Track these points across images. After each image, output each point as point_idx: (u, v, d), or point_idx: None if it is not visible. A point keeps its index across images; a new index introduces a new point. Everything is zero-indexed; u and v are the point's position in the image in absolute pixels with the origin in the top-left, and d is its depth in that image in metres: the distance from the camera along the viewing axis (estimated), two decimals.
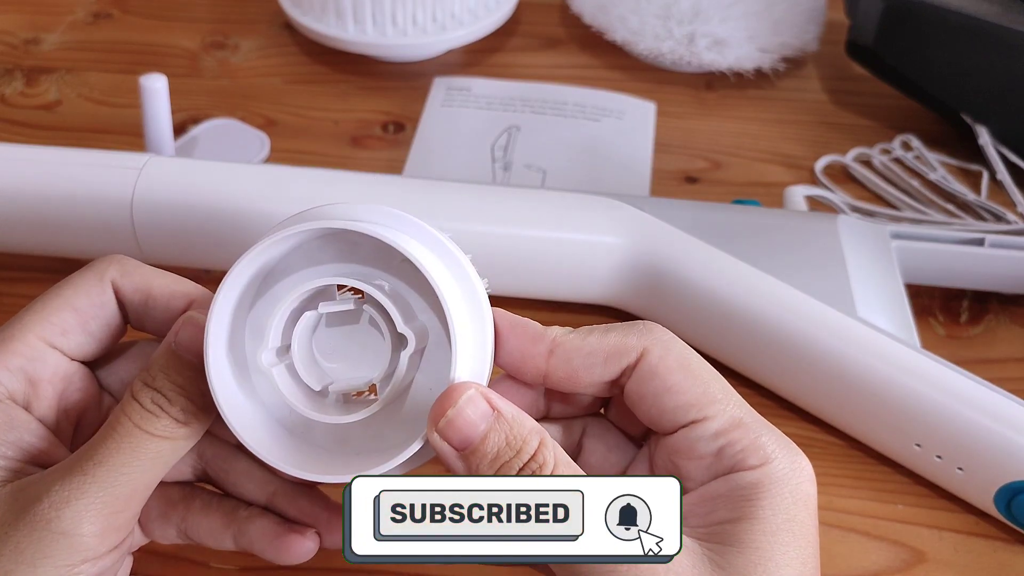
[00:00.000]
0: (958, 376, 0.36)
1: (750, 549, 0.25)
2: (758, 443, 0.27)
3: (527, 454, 0.25)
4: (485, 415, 0.26)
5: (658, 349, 0.28)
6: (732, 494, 0.26)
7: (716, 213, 0.43)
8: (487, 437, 0.25)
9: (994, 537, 0.37)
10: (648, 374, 0.28)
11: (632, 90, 0.57)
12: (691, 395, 0.27)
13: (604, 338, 0.28)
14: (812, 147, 0.54)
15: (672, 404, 0.28)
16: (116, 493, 0.26)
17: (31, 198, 0.41)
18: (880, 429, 0.38)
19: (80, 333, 0.29)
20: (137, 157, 0.42)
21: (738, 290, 0.39)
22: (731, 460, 0.27)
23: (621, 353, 0.28)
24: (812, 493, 0.27)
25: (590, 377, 0.28)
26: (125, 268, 0.30)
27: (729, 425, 0.27)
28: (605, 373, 0.28)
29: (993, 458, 0.35)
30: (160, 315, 0.30)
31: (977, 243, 0.44)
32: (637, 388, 0.28)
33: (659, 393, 0.28)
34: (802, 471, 0.27)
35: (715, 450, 0.27)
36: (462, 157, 0.52)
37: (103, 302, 0.29)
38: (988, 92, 0.51)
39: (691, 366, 0.28)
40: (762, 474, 0.26)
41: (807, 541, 0.26)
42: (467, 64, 0.60)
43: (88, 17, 0.63)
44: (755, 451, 0.27)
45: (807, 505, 0.27)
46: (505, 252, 0.41)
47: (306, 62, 0.60)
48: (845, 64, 0.59)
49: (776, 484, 0.26)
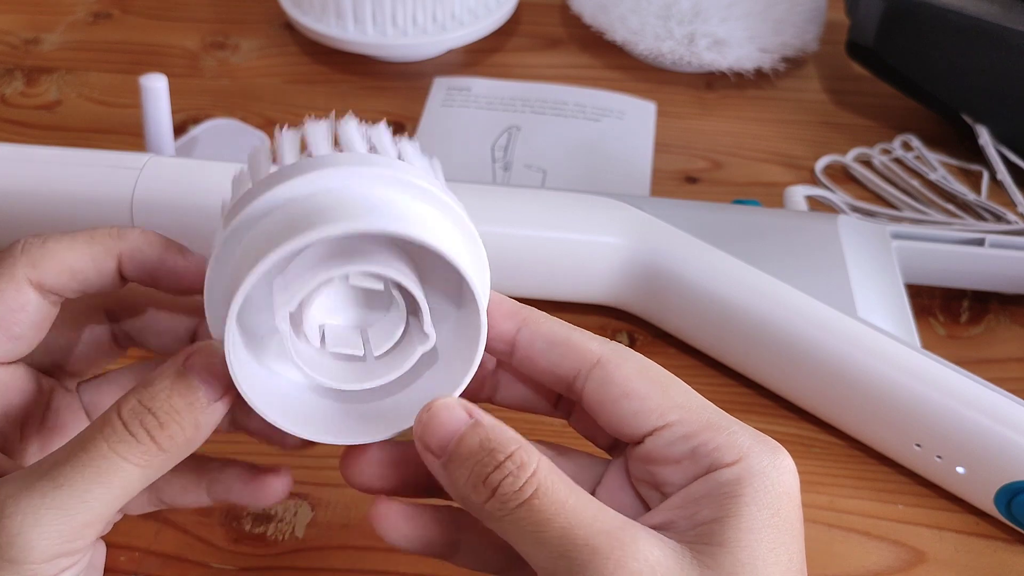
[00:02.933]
0: (958, 376, 0.36)
1: (737, 547, 0.25)
2: (732, 440, 0.27)
3: (502, 454, 0.25)
4: (461, 420, 0.25)
5: (616, 358, 0.28)
6: (714, 493, 0.26)
7: (716, 213, 0.43)
8: (463, 440, 0.25)
9: (994, 537, 0.37)
10: (606, 379, 0.28)
11: (632, 90, 0.57)
12: (651, 400, 0.27)
13: (569, 332, 0.28)
14: (812, 147, 0.54)
15: (632, 409, 0.27)
16: (75, 521, 0.24)
17: (31, 198, 0.41)
18: (880, 429, 0.38)
19: (5, 339, 0.27)
20: (137, 157, 0.42)
21: (738, 290, 0.39)
22: (707, 460, 0.26)
23: (579, 352, 0.28)
24: (794, 486, 0.27)
25: (546, 364, 0.28)
26: (33, 259, 0.28)
27: (699, 426, 0.27)
28: (561, 367, 0.28)
29: (993, 458, 0.35)
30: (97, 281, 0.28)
31: (977, 243, 0.44)
32: (596, 394, 0.28)
33: (617, 399, 0.28)
34: (782, 464, 0.27)
35: (688, 452, 0.27)
36: (462, 157, 0.52)
37: (22, 303, 0.28)
38: (988, 92, 0.51)
39: (649, 373, 0.28)
40: (741, 469, 0.26)
41: (792, 535, 0.26)
42: (467, 64, 0.60)
43: (88, 17, 0.63)
44: (730, 448, 0.26)
45: (790, 498, 0.26)
46: (505, 252, 0.41)
47: (306, 62, 0.60)
48: (845, 64, 0.59)
49: (757, 479, 0.26)
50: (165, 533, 0.36)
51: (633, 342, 0.43)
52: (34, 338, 0.28)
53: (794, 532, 0.26)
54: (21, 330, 0.28)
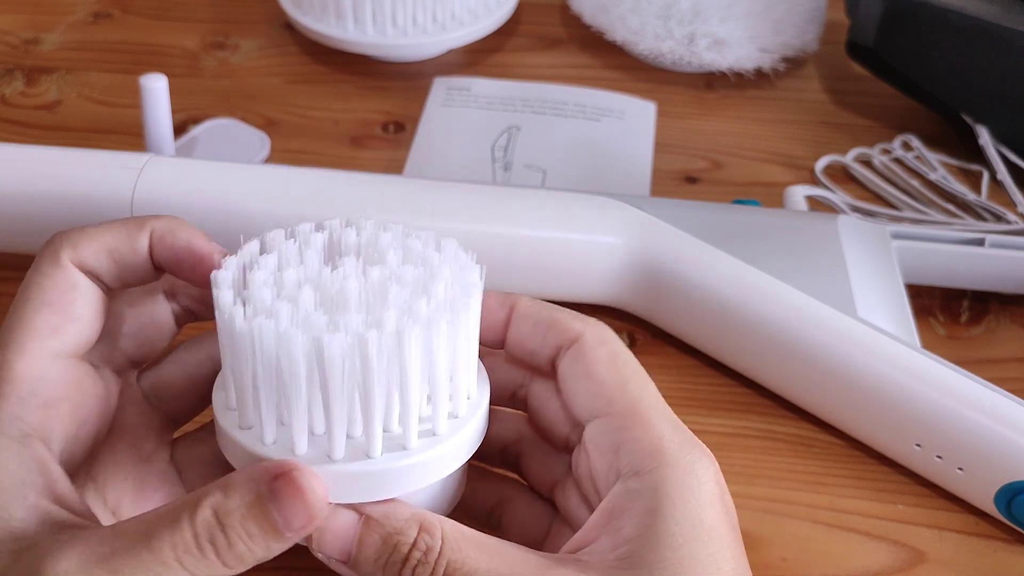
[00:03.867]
0: (958, 376, 0.36)
1: (660, 569, 0.24)
2: (654, 444, 0.26)
3: (406, 546, 0.25)
4: (352, 522, 0.25)
5: (592, 339, 0.29)
6: (633, 507, 0.26)
7: (716, 213, 0.43)
8: (363, 544, 0.25)
9: (994, 537, 0.37)
10: (577, 356, 0.28)
11: (632, 90, 0.57)
12: (606, 387, 0.28)
13: (552, 313, 0.29)
14: (812, 147, 0.54)
15: (587, 390, 0.28)
16: None
17: (31, 198, 0.41)
18: (880, 429, 0.38)
19: (69, 323, 0.27)
20: (137, 157, 0.42)
21: (738, 290, 0.39)
22: (626, 459, 0.26)
23: (560, 329, 0.29)
24: (715, 492, 0.26)
25: (533, 344, 0.29)
26: (72, 241, 0.28)
27: (630, 421, 0.27)
28: (545, 344, 0.29)
29: (993, 458, 0.35)
30: (137, 262, 0.29)
31: (977, 243, 0.44)
32: (566, 369, 0.29)
33: (579, 376, 0.28)
34: (703, 470, 0.26)
35: (615, 446, 0.27)
36: (462, 157, 0.52)
37: (72, 283, 0.28)
38: (988, 92, 0.51)
39: (616, 362, 0.28)
40: (658, 479, 0.26)
41: (720, 544, 0.25)
42: (467, 64, 0.60)
43: (88, 17, 0.63)
44: (649, 453, 0.26)
45: (712, 505, 0.26)
46: (505, 252, 0.41)
47: (306, 62, 0.60)
48: (845, 64, 0.59)
49: (675, 490, 0.26)
50: None
51: (633, 342, 0.43)
52: (93, 321, 0.28)
53: (722, 540, 0.26)
54: (79, 310, 0.28)
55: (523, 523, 0.31)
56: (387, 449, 0.26)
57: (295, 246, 0.28)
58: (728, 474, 0.39)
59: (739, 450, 0.39)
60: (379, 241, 0.28)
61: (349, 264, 0.27)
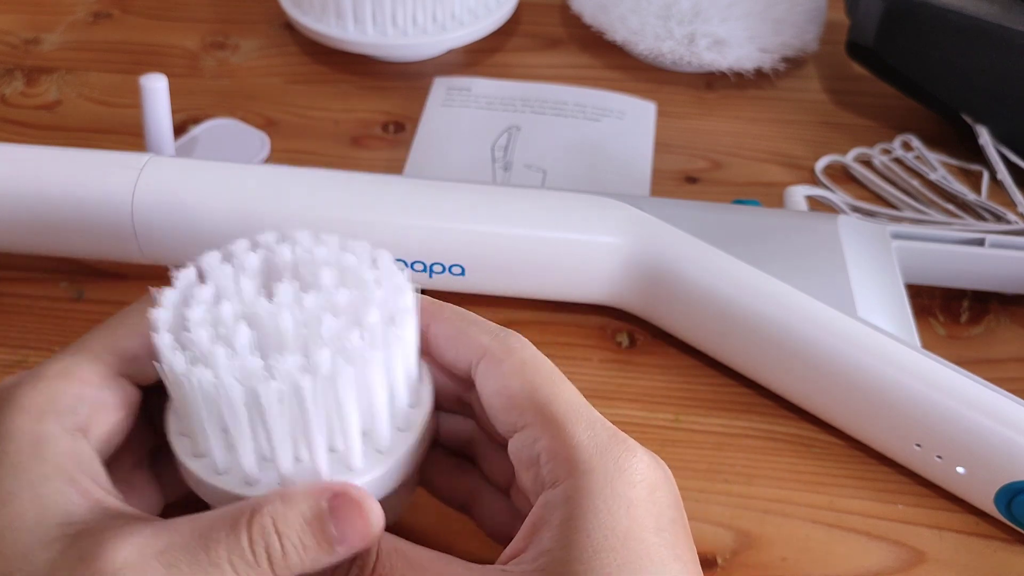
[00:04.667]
0: (958, 376, 0.36)
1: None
2: (567, 452, 0.26)
3: None
4: None
5: (500, 352, 0.28)
6: (551, 519, 0.25)
7: (716, 213, 0.43)
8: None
9: (994, 537, 0.37)
10: (487, 373, 0.28)
11: (632, 90, 0.57)
12: (519, 398, 0.27)
13: (466, 325, 0.29)
14: (812, 147, 0.54)
15: (502, 406, 0.27)
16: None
17: (31, 198, 0.41)
18: (880, 429, 0.38)
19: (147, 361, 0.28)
20: (137, 157, 0.42)
21: (738, 290, 0.39)
22: (546, 469, 0.26)
23: (469, 345, 0.28)
24: (635, 494, 0.25)
25: (448, 358, 0.29)
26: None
27: (543, 431, 0.26)
28: (458, 359, 0.28)
29: (993, 458, 0.35)
30: None
31: (977, 243, 0.44)
32: (480, 382, 0.28)
33: (492, 395, 0.27)
34: (625, 473, 0.25)
35: (533, 459, 0.26)
36: (462, 157, 0.52)
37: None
38: (988, 92, 0.51)
39: (526, 369, 0.27)
40: (570, 489, 0.25)
41: (637, 551, 0.24)
42: (467, 64, 0.60)
43: (88, 17, 0.63)
44: (564, 462, 0.25)
45: (629, 509, 0.25)
46: (505, 252, 0.41)
47: (306, 62, 0.60)
48: (845, 64, 0.59)
49: (586, 500, 0.25)
50: None
51: (633, 342, 0.43)
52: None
53: (639, 546, 0.25)
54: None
55: (492, 515, 0.31)
56: (334, 472, 0.27)
57: (231, 272, 0.28)
58: (728, 474, 0.39)
59: (739, 450, 0.39)
60: (314, 257, 0.29)
61: (284, 292, 0.28)
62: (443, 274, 0.41)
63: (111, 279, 0.46)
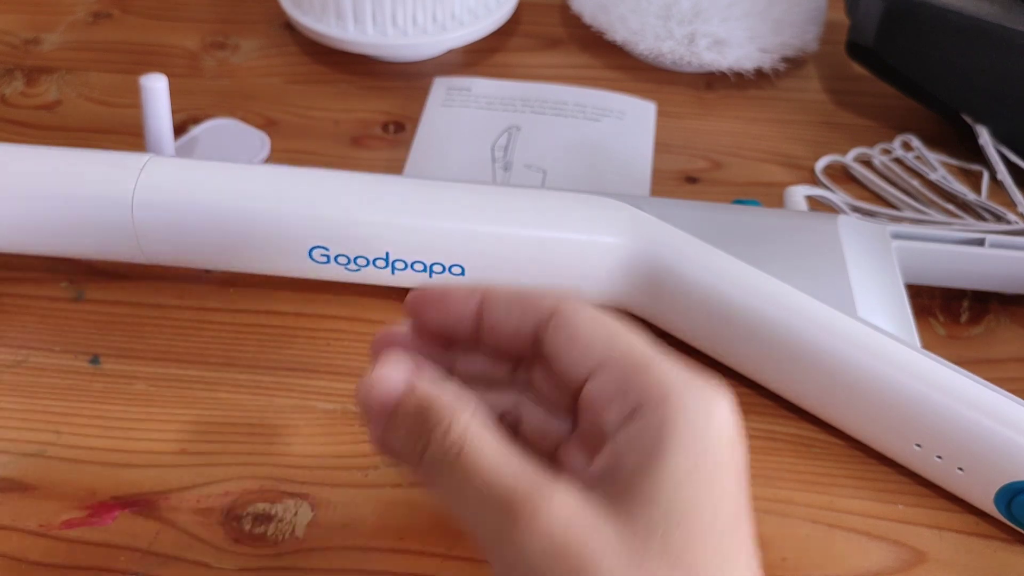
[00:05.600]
0: (958, 376, 0.36)
1: (656, 500, 0.24)
2: (660, 380, 0.26)
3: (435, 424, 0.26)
4: (398, 385, 0.27)
5: (570, 307, 0.29)
6: (637, 440, 0.25)
7: (716, 213, 0.43)
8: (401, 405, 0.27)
9: (994, 537, 0.37)
10: (559, 326, 0.28)
11: (632, 90, 0.57)
12: (595, 345, 0.28)
13: (524, 294, 0.29)
14: (812, 147, 0.54)
15: (578, 353, 0.28)
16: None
17: (31, 198, 0.41)
18: (880, 429, 0.38)
19: None
20: (137, 157, 0.42)
21: (738, 290, 0.39)
22: (633, 401, 0.26)
23: (535, 307, 0.29)
24: (726, 431, 0.26)
25: (509, 328, 0.29)
26: None
27: (631, 366, 0.27)
28: (523, 324, 0.29)
29: (993, 458, 0.35)
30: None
31: (977, 243, 0.44)
32: (551, 342, 0.28)
33: (566, 343, 0.28)
34: (715, 409, 0.26)
35: (618, 392, 0.26)
36: (462, 157, 0.52)
37: None
38: (988, 92, 0.51)
39: (598, 320, 0.28)
40: (663, 415, 0.25)
41: (722, 487, 0.25)
42: (467, 64, 0.60)
43: (88, 17, 0.63)
44: (655, 388, 0.26)
45: (719, 444, 0.25)
46: (505, 252, 0.41)
47: (306, 62, 0.60)
48: (845, 64, 0.59)
49: (681, 424, 0.25)
50: (165, 533, 0.36)
51: None
52: None
53: (725, 482, 0.25)
54: None
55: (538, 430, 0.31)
56: None
57: None
58: None
59: None
60: None
61: None
62: (443, 274, 0.41)
63: (111, 279, 0.46)
